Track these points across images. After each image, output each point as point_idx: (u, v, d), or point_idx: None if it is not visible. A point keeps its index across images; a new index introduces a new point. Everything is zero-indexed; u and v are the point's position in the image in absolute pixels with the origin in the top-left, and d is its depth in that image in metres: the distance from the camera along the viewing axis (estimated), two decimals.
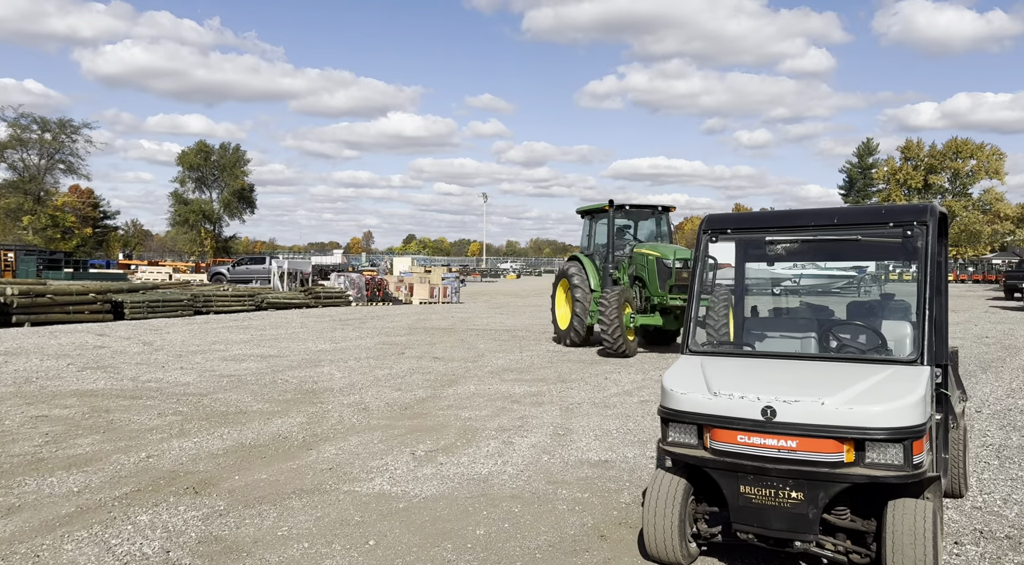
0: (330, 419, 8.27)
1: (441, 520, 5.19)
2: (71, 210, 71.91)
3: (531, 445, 7.27)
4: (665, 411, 4.25)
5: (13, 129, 63.18)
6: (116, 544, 4.62)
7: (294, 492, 5.71)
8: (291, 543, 4.72)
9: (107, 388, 9.97)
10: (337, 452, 6.89)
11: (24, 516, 5.06)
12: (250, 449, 6.94)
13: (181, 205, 74.34)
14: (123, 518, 5.07)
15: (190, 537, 4.77)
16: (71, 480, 5.87)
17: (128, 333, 17.10)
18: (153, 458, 6.56)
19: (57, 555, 4.44)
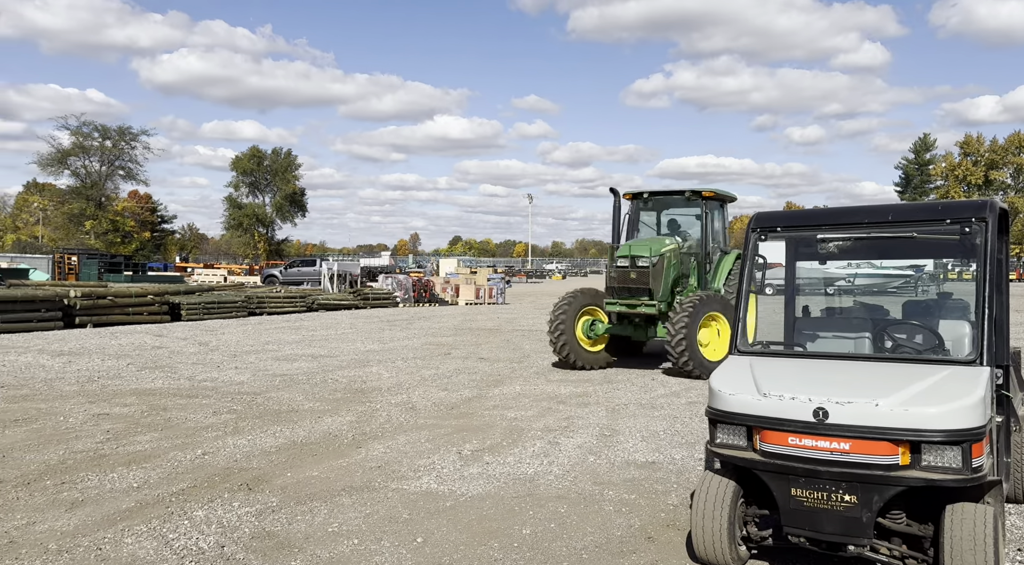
0: (378, 418, 8.38)
1: (487, 519, 5.22)
2: (131, 215, 74.29)
3: (577, 446, 7.25)
4: (713, 412, 4.20)
5: (76, 137, 65.57)
6: (173, 538, 4.77)
7: (344, 489, 5.80)
8: (341, 539, 4.80)
9: (165, 387, 10.27)
10: (385, 450, 6.98)
11: (87, 510, 5.25)
12: (301, 447, 7.07)
13: (235, 209, 76.17)
14: (180, 513, 5.23)
15: (244, 532, 4.90)
16: (131, 476, 6.07)
17: (185, 334, 17.59)
18: (209, 455, 6.74)
19: (118, 549, 4.60)
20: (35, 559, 4.39)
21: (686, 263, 12.51)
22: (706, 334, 11.47)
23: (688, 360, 11.03)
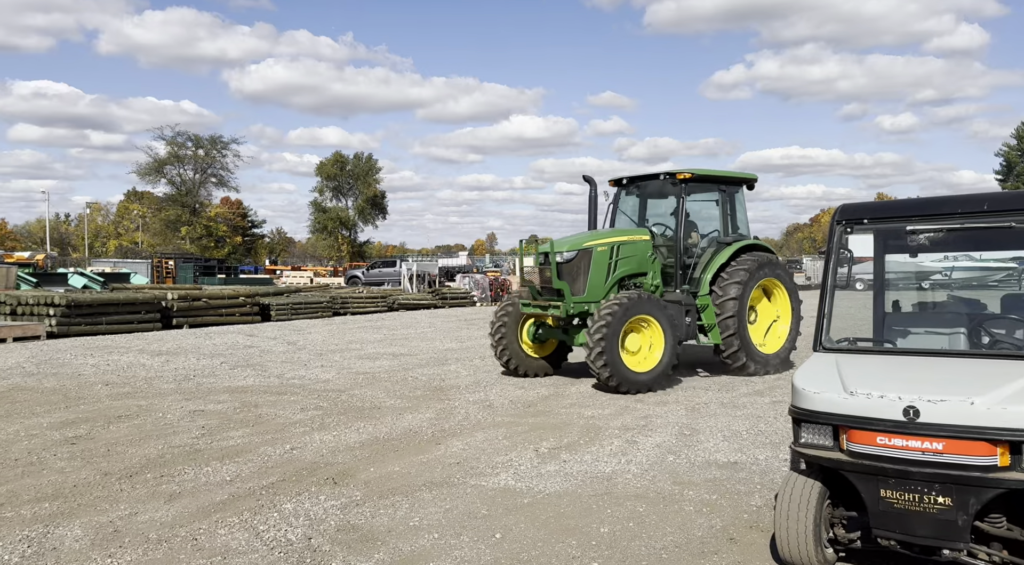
0: (457, 415, 8.49)
1: (565, 517, 5.22)
2: (223, 220, 77.67)
3: (655, 445, 7.16)
4: (797, 411, 4.08)
5: (171, 147, 68.99)
6: (264, 530, 4.97)
7: (424, 484, 5.92)
8: (422, 533, 4.90)
9: (256, 385, 10.70)
10: (464, 447, 7.07)
11: (183, 502, 5.53)
12: (384, 443, 7.25)
13: (320, 213, 78.57)
14: (270, 506, 5.44)
15: (330, 525, 5.06)
16: (224, 470, 6.36)
17: (274, 333, 18.28)
18: (297, 450, 6.99)
19: (212, 539, 4.83)
20: (137, 548, 4.66)
21: (662, 257, 10.97)
22: (636, 341, 9.87)
23: (610, 375, 9.41)
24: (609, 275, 10.46)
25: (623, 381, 9.52)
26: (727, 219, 11.55)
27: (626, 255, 10.61)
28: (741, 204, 11.80)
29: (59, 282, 26.92)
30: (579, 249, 10.41)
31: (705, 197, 11.74)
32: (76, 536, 4.83)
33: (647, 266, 10.75)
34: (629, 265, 10.63)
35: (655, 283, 10.74)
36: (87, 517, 5.17)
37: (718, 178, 11.38)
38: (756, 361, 11.04)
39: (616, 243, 10.56)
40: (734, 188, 11.69)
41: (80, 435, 7.51)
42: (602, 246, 10.44)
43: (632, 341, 9.85)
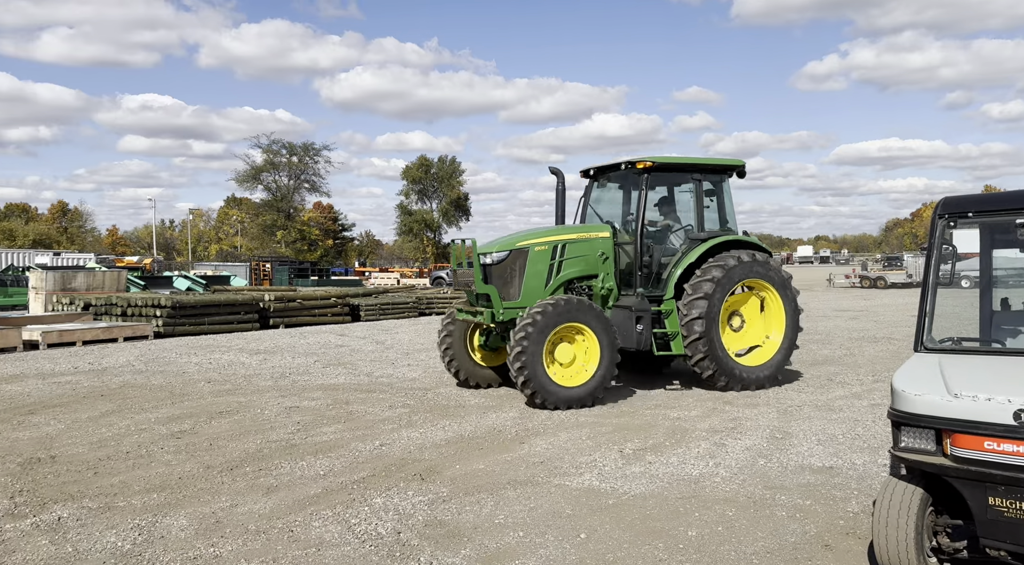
0: (540, 415, 8.51)
1: (651, 518, 5.16)
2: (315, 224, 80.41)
3: (745, 448, 6.98)
4: (896, 414, 3.90)
5: (267, 155, 71.88)
6: (355, 523, 5.12)
7: (509, 483, 5.96)
8: (507, 531, 4.94)
9: (347, 383, 11.03)
10: (547, 447, 7.08)
11: (280, 495, 5.76)
12: (469, 440, 7.34)
13: (406, 216, 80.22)
14: (361, 500, 5.60)
15: (418, 520, 5.17)
16: (318, 464, 6.59)
17: (364, 333, 18.79)
18: (386, 446, 7.17)
19: (307, 531, 5.01)
20: (237, 538, 4.88)
21: (627, 256, 9.88)
22: (568, 351, 8.87)
23: (533, 391, 8.48)
24: (551, 277, 9.38)
25: (547, 397, 8.52)
26: (702, 212, 10.11)
27: (574, 255, 9.51)
28: (726, 195, 10.50)
29: (165, 285, 28.52)
30: (511, 249, 9.34)
31: (688, 188, 10.49)
32: (181, 526, 5.10)
33: (598, 267, 9.62)
34: (578, 266, 9.54)
35: (607, 286, 9.59)
36: (191, 508, 5.45)
37: (690, 166, 10.15)
38: (730, 374, 9.57)
39: (559, 242, 9.48)
40: (714, 177, 10.33)
41: (185, 430, 7.93)
42: (540, 245, 9.38)
43: (564, 352, 8.83)
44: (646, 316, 9.46)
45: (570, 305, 8.72)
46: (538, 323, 8.48)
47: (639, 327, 9.41)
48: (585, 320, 8.77)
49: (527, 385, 8.45)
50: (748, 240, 10.31)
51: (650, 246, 9.94)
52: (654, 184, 10.16)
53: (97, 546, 4.74)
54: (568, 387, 8.69)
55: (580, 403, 8.72)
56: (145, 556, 4.58)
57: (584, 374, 8.82)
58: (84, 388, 10.52)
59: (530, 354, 8.40)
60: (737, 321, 10.15)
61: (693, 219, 10.22)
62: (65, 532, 4.97)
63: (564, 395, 8.63)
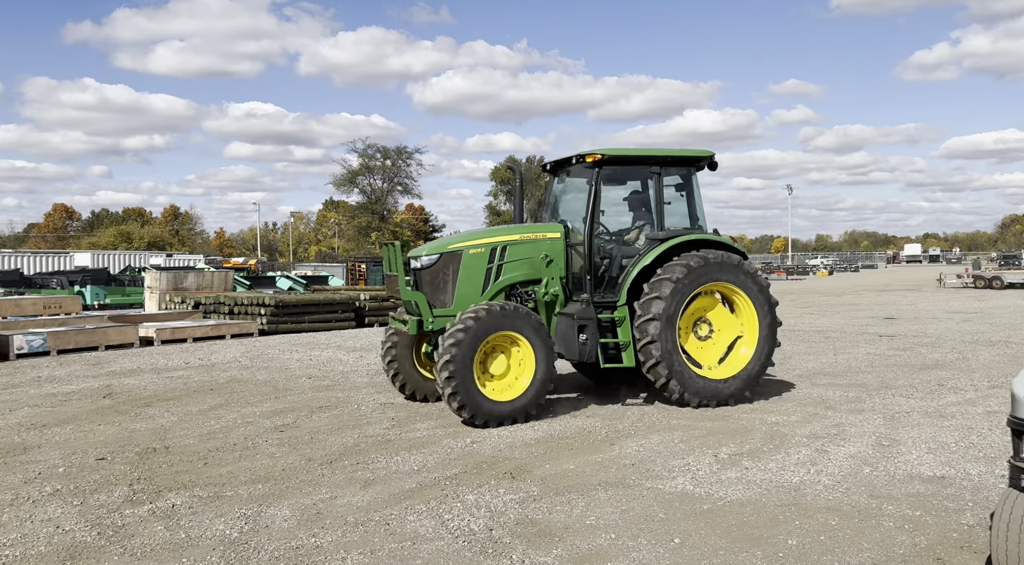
0: (630, 416, 8.41)
1: (748, 525, 5.01)
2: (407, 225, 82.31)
3: (849, 455, 6.68)
4: (1017, 422, 3.65)
5: (363, 159, 74.04)
6: (448, 519, 5.20)
7: (599, 484, 5.92)
8: (599, 533, 4.90)
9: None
10: (638, 449, 6.99)
11: (377, 489, 5.92)
12: (558, 440, 7.34)
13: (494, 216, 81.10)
14: (453, 496, 5.69)
15: (509, 518, 5.20)
16: (412, 459, 6.73)
17: None
18: (476, 444, 7.25)
19: (403, 525, 5.13)
20: (336, 529, 5.05)
21: (580, 257, 8.92)
22: (502, 363, 8.12)
23: (461, 405, 7.69)
24: (488, 282, 8.62)
25: (477, 411, 7.75)
26: (662, 209, 9.12)
27: (516, 258, 8.69)
28: (695, 190, 9.48)
29: (268, 284, 29.82)
30: (442, 252, 8.61)
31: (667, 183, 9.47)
32: (284, 516, 5.32)
33: (542, 271, 8.78)
34: (520, 269, 8.73)
35: (552, 291, 8.73)
36: (294, 499, 5.67)
37: (648, 158, 9.14)
38: (691, 388, 8.60)
39: (498, 243, 8.69)
40: (679, 170, 9.42)
41: (287, 423, 8.26)
42: (476, 247, 8.61)
43: (498, 363, 8.13)
44: (591, 324, 8.50)
45: (505, 312, 7.95)
46: (470, 330, 7.70)
47: (582, 337, 8.46)
48: (520, 329, 7.99)
49: (454, 397, 7.64)
50: (718, 239, 9.22)
51: (604, 247, 9.10)
52: (611, 179, 9.41)
53: (207, 533, 5.00)
54: (500, 401, 7.90)
55: (511, 419, 7.93)
56: (251, 544, 4.80)
57: (517, 388, 8.05)
58: (195, 383, 11.13)
59: (459, 364, 7.61)
60: (704, 329, 9.18)
61: (652, 216, 9.26)
62: (178, 519, 5.27)
63: (496, 410, 7.85)
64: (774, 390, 9.90)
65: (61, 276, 27.25)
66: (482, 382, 7.92)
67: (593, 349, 8.53)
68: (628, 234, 9.52)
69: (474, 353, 7.74)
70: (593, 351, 8.53)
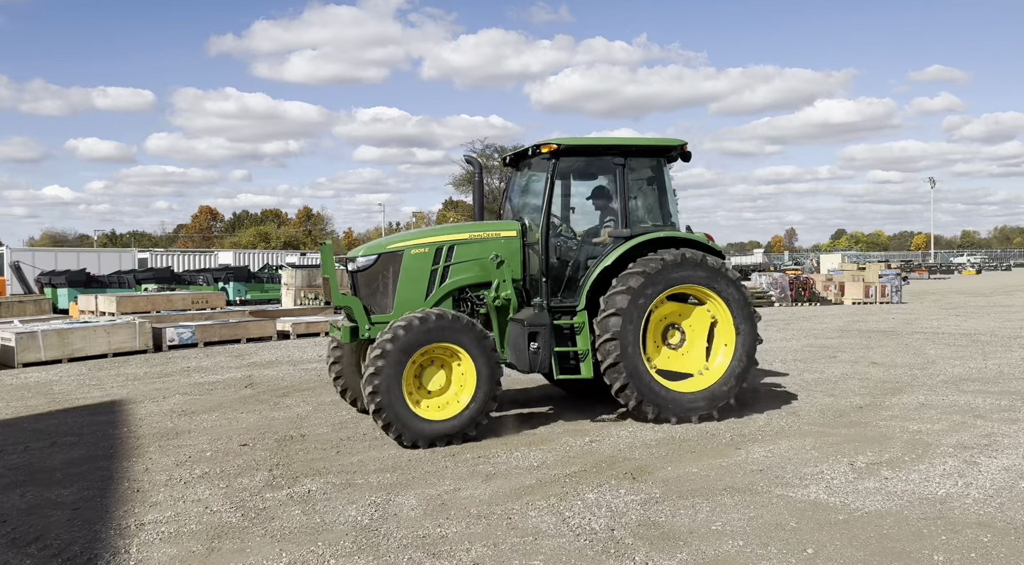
0: (757, 420, 8.12)
1: (888, 538, 4.72)
2: None
3: (1003, 467, 6.16)
4: None
5: (481, 159, 75.44)
6: (569, 516, 5.21)
7: (725, 489, 5.75)
8: (725, 539, 4.76)
9: None
10: (767, 454, 6.73)
11: (498, 483, 6.01)
12: (680, 443, 7.18)
13: None
14: (573, 494, 5.69)
15: (630, 519, 5.14)
16: (532, 456, 6.78)
17: None
18: (596, 443, 7.22)
19: (524, 520, 5.18)
20: (461, 521, 5.16)
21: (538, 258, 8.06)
22: (440, 377, 7.40)
23: (388, 423, 6.97)
24: (433, 286, 7.86)
25: (404, 431, 6.99)
26: (626, 204, 8.22)
27: (465, 258, 7.91)
28: (665, 183, 8.60)
29: None
30: (380, 252, 7.85)
31: (637, 176, 8.65)
32: (411, 505, 5.49)
33: (493, 273, 7.91)
34: (470, 272, 7.93)
35: (503, 295, 7.83)
36: (419, 489, 5.85)
37: (610, 148, 8.25)
38: (659, 403, 7.79)
39: (444, 243, 7.91)
40: (647, 161, 8.54)
41: None
42: (419, 247, 7.85)
43: (436, 378, 7.40)
44: (543, 331, 7.65)
45: (442, 321, 7.17)
46: (399, 341, 6.98)
47: (533, 345, 7.61)
48: (458, 340, 7.19)
49: (380, 414, 6.93)
50: (689, 237, 8.27)
51: (566, 247, 8.31)
52: (583, 173, 8.70)
53: (340, 519, 5.24)
54: (434, 420, 7.14)
55: (446, 439, 7.16)
56: (381, 531, 4.99)
57: (456, 405, 7.28)
58: (327, 375, 11.67)
59: (386, 377, 6.90)
60: (676, 337, 8.29)
61: (616, 212, 8.33)
62: (314, 504, 5.55)
63: (427, 429, 7.07)
64: (917, 397, 9.27)
65: (207, 273, 29.36)
66: (416, 398, 7.18)
67: (546, 359, 7.69)
68: (597, 233, 8.64)
69: (403, 367, 6.99)
70: (546, 361, 7.70)
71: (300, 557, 4.60)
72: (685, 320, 8.30)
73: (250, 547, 4.77)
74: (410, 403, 7.06)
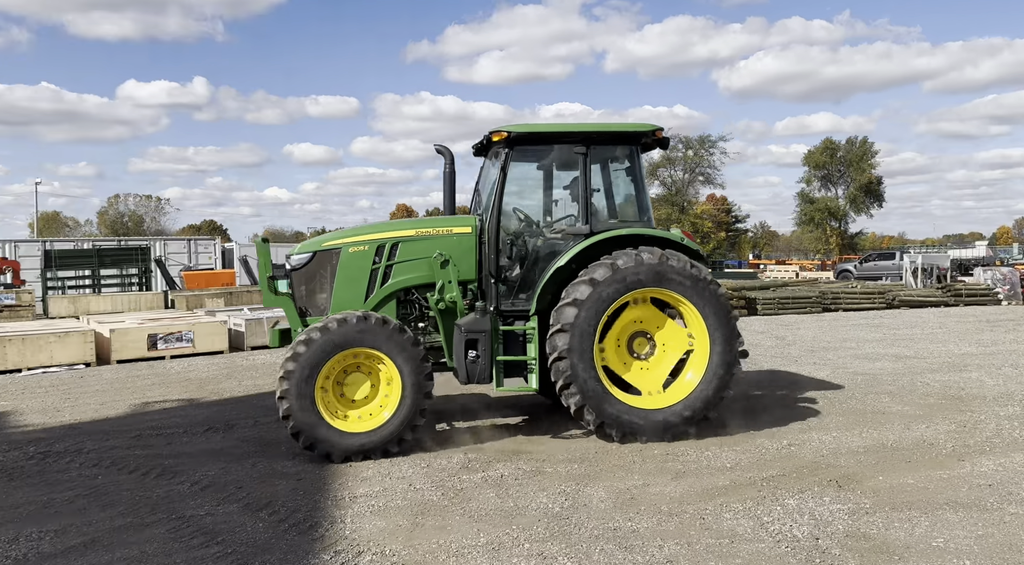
0: (984, 430, 7.29)
1: None
2: (708, 217, 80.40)
3: None
4: None
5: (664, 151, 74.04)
6: (768, 522, 4.98)
7: (947, 503, 5.22)
8: (949, 557, 4.34)
9: (746, 377, 10.75)
10: (996, 468, 6.03)
11: (688, 481, 5.87)
12: (891, 451, 6.62)
13: (807, 204, 75.68)
14: (771, 498, 5.43)
15: (837, 529, 4.82)
16: (724, 456, 6.56)
17: (761, 328, 18.21)
18: (795, 447, 6.84)
19: (718, 521, 5.02)
20: (651, 516, 5.11)
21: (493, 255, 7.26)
22: (364, 386, 6.78)
23: (297, 430, 6.46)
24: (373, 286, 7.31)
25: (316, 442, 6.51)
26: (588, 197, 7.39)
27: (411, 257, 7.31)
28: (634, 174, 7.74)
29: None
30: (315, 250, 7.37)
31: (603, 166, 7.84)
32: (600, 497, 5.52)
33: (437, 273, 7.25)
34: (416, 271, 7.32)
35: (448, 298, 7.18)
36: (608, 482, 5.86)
37: (568, 135, 7.43)
38: (619, 421, 6.91)
39: (387, 240, 7.33)
40: (616, 150, 7.75)
41: None
42: (357, 245, 7.31)
43: (360, 387, 6.84)
44: (482, 339, 7.03)
45: (363, 326, 6.62)
46: (314, 345, 6.51)
47: (471, 353, 7.03)
48: (380, 346, 6.65)
49: (288, 421, 6.51)
50: (658, 235, 7.43)
51: (521, 245, 7.62)
52: (566, 164, 7.89)
53: (532, 504, 5.38)
54: (351, 432, 6.62)
55: (365, 453, 6.62)
56: (572, 520, 5.06)
57: (380, 417, 6.75)
58: None
59: (297, 383, 6.45)
60: (645, 346, 7.38)
61: (578, 207, 7.53)
62: (507, 488, 5.74)
63: (343, 443, 6.57)
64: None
65: None
66: (334, 408, 6.71)
67: (486, 368, 7.07)
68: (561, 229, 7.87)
69: (317, 373, 6.52)
70: (487, 370, 7.08)
71: (496, 538, 4.77)
72: (660, 331, 7.39)
73: (450, 525, 5.02)
74: (325, 412, 6.59)
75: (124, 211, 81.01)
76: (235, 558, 4.58)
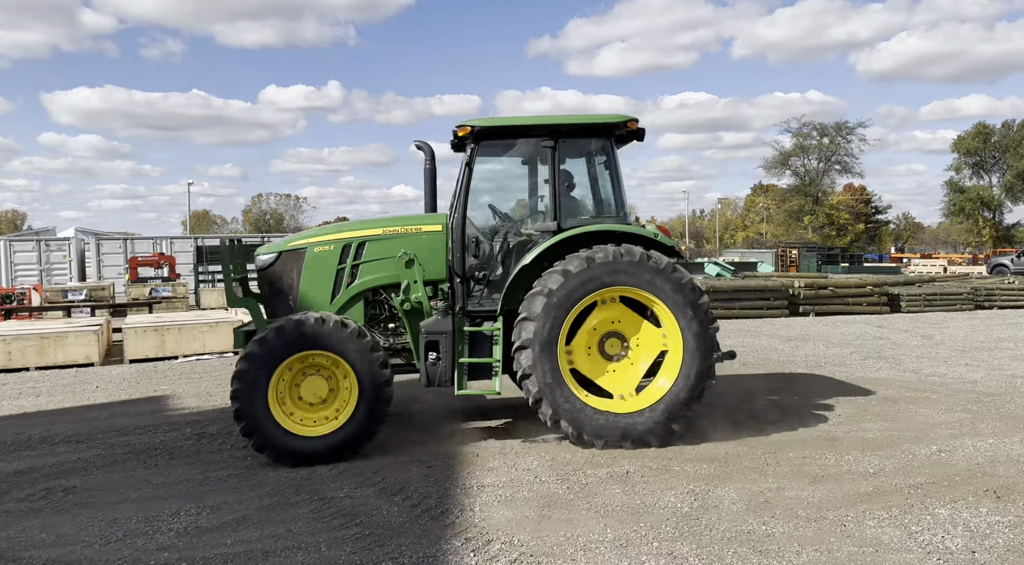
0: None
1: None
2: (844, 208, 76.13)
3: None
4: None
5: (796, 138, 70.56)
6: (917, 531, 4.67)
7: None
8: None
9: (890, 378, 10.16)
10: None
11: (827, 486, 5.60)
12: None
13: (956, 194, 70.18)
14: (920, 507, 5.09)
15: (996, 542, 4.46)
16: (865, 461, 6.20)
17: (905, 325, 17.08)
18: (945, 453, 6.38)
19: (861, 528, 4.76)
20: (787, 521, 4.91)
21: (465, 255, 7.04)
22: (321, 388, 6.52)
23: (247, 432, 6.28)
24: (339, 287, 7.10)
25: (267, 445, 6.32)
26: (557, 192, 7.03)
27: (378, 257, 7.08)
28: (611, 168, 7.32)
29: (697, 270, 30.60)
30: (281, 251, 7.22)
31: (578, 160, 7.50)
32: (732, 499, 5.36)
33: (402, 273, 7.03)
34: (384, 271, 7.09)
35: (413, 298, 6.97)
36: (739, 484, 5.68)
37: (534, 128, 7.13)
38: (585, 424, 6.58)
39: (353, 239, 7.12)
40: (590, 143, 7.44)
41: (722, 405, 8.29)
42: (323, 244, 7.13)
43: (317, 389, 6.54)
44: (443, 340, 6.83)
45: (322, 326, 6.42)
46: (268, 345, 6.35)
47: (432, 355, 6.83)
48: (335, 348, 6.42)
49: (239, 421, 6.33)
50: (631, 231, 7.00)
51: (486, 242, 7.32)
52: (536, 155, 7.61)
53: (659, 503, 5.30)
54: (304, 436, 6.41)
55: (318, 459, 6.40)
56: (702, 521, 4.95)
57: (334, 422, 6.51)
58: None
59: (250, 383, 6.28)
60: (616, 346, 6.93)
61: (546, 203, 7.23)
62: (633, 485, 5.69)
63: (296, 446, 6.37)
64: None
65: None
66: (290, 410, 6.51)
67: (446, 371, 6.88)
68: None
69: (270, 374, 6.36)
70: (447, 373, 6.89)
71: (624, 535, 4.74)
72: (634, 333, 6.99)
73: (577, 518, 5.04)
74: (279, 414, 6.44)
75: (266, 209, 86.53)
76: (373, 540, 4.79)
